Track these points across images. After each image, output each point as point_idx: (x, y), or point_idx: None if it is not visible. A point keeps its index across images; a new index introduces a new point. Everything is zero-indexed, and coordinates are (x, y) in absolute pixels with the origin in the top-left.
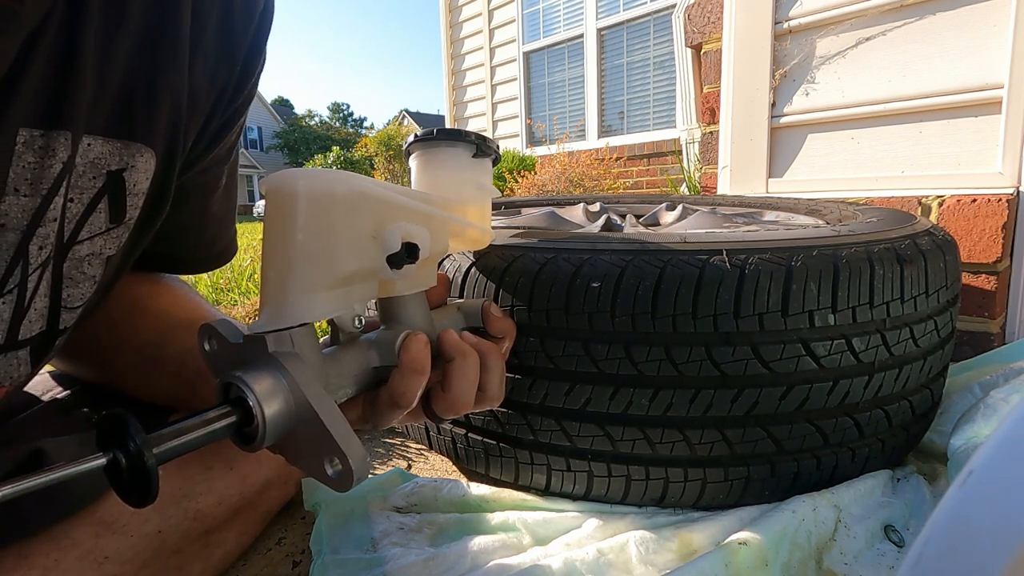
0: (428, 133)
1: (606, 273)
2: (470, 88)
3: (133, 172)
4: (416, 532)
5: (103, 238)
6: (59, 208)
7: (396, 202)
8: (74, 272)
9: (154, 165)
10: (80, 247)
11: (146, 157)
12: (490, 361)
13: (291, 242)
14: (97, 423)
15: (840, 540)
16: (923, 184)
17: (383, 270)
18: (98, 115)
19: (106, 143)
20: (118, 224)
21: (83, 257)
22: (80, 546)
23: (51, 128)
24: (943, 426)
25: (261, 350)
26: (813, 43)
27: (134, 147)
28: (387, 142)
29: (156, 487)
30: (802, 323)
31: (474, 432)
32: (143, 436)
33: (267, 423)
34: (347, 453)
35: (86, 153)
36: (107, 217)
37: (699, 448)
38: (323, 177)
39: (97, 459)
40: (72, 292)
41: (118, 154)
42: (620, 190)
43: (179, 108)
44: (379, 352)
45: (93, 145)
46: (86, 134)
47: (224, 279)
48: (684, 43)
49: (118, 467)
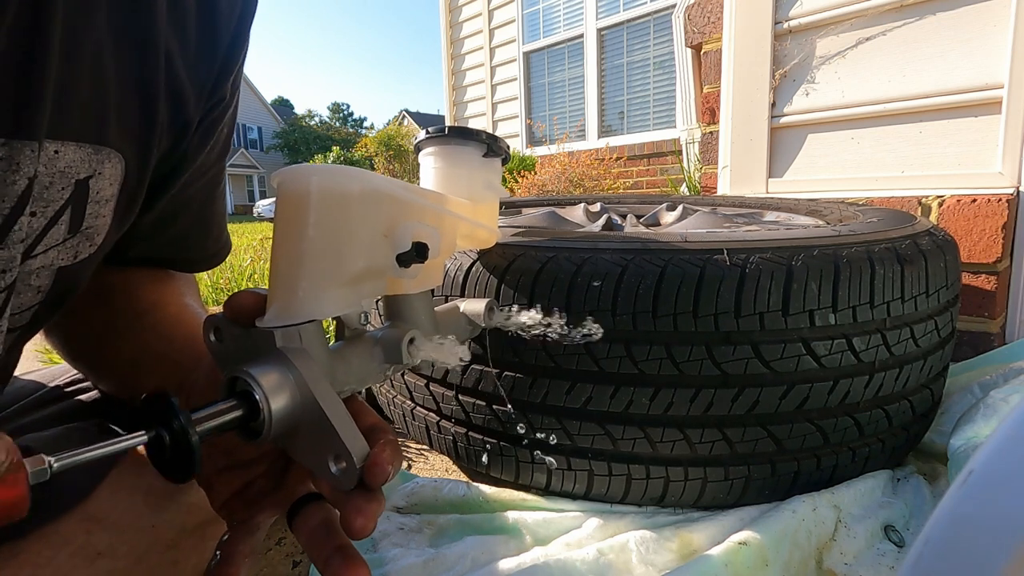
0: (440, 130)
1: (607, 272)
2: (470, 88)
3: (99, 179)
4: (416, 532)
5: (58, 249)
6: (24, 227)
7: (408, 200)
8: (20, 284)
9: (121, 171)
10: (32, 261)
11: (113, 163)
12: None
13: (302, 239)
14: (141, 402)
15: (840, 540)
16: (923, 184)
17: (392, 268)
18: (67, 119)
19: (78, 149)
20: (74, 234)
21: (33, 270)
22: (72, 543)
23: (13, 137)
24: (943, 426)
25: (269, 345)
26: (813, 43)
27: (104, 152)
28: (387, 142)
29: (199, 463)
30: (803, 322)
31: (475, 431)
32: (187, 414)
33: (273, 418)
34: (352, 451)
35: (54, 162)
36: (66, 228)
37: (700, 447)
38: (336, 174)
39: (140, 436)
40: (13, 301)
41: (88, 161)
42: (620, 190)
43: (154, 107)
44: (384, 350)
45: (63, 152)
46: (53, 139)
47: (224, 279)
48: (684, 43)
49: (161, 444)
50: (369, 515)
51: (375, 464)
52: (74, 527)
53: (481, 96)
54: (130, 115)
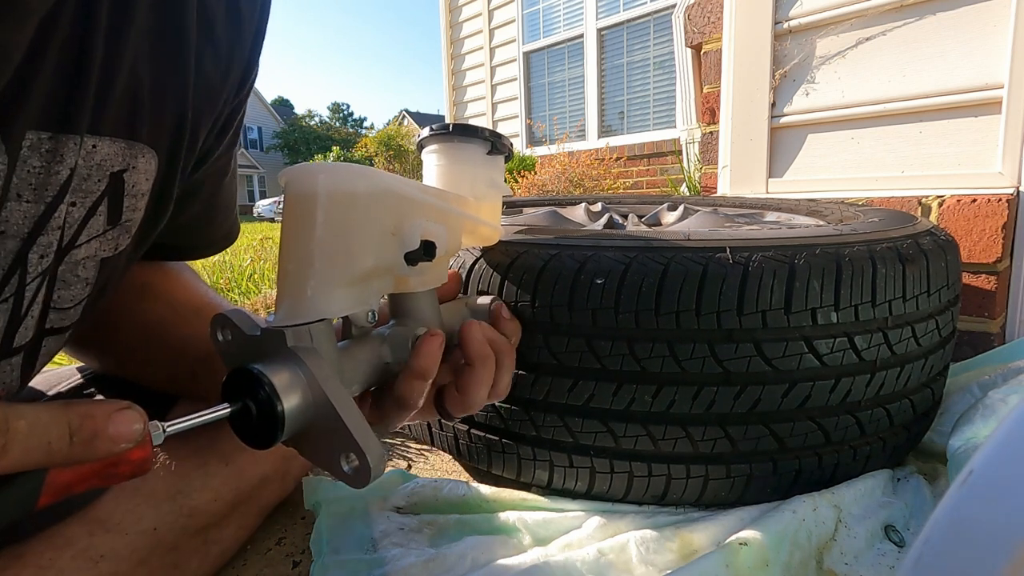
0: (443, 128)
1: (610, 270)
2: (470, 88)
3: (133, 173)
4: (416, 532)
5: (99, 240)
6: (63, 215)
7: (416, 199)
8: (68, 275)
9: (155, 166)
10: (78, 251)
11: (147, 158)
12: (506, 360)
13: (311, 238)
14: (227, 378)
15: (840, 540)
16: (923, 184)
17: (400, 266)
18: (105, 116)
19: (113, 143)
20: (114, 226)
21: (79, 260)
22: (75, 545)
23: (60, 131)
24: (943, 426)
25: (280, 344)
26: (813, 43)
27: (137, 148)
28: (387, 142)
29: (284, 429)
30: (805, 321)
31: (476, 428)
32: (272, 385)
33: (285, 418)
34: (365, 450)
35: (92, 155)
36: (105, 219)
37: (702, 445)
38: (344, 172)
39: (224, 408)
40: (63, 294)
41: (122, 155)
42: (620, 190)
43: (184, 107)
44: (392, 348)
45: (99, 147)
46: (92, 135)
47: (224, 279)
48: (684, 43)
49: (248, 414)
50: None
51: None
52: (77, 530)
53: (481, 96)
54: (162, 113)
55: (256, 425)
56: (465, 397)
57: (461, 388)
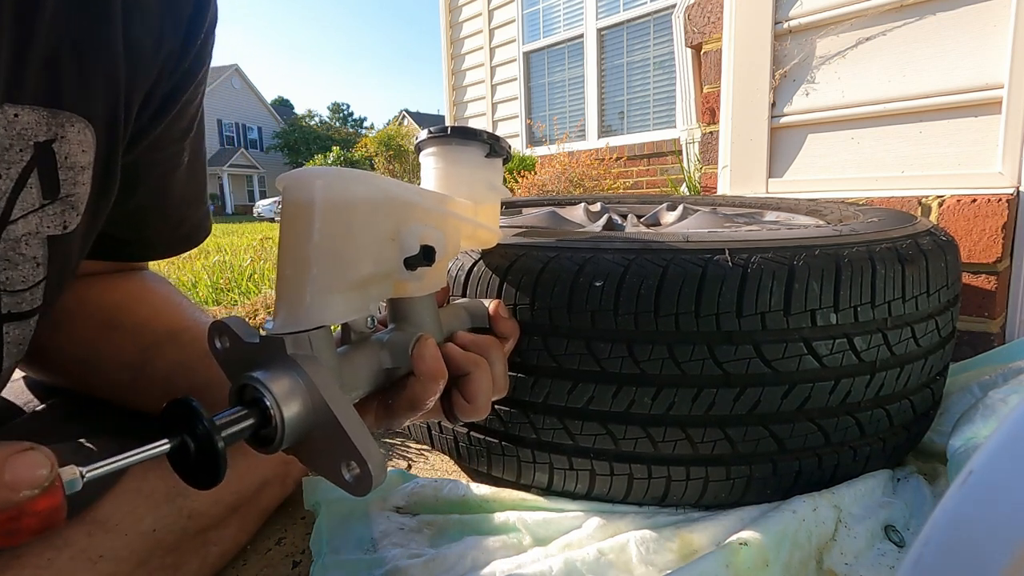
0: (441, 130)
1: (609, 272)
2: (470, 88)
3: (64, 143)
4: (416, 533)
5: (38, 216)
6: None
7: (414, 203)
8: (11, 254)
9: (92, 137)
10: (15, 227)
11: (79, 127)
12: (493, 357)
13: (308, 244)
14: (163, 410)
15: (840, 540)
16: (923, 184)
17: (399, 272)
18: (24, 82)
19: (32, 111)
20: (52, 200)
21: (19, 237)
22: (73, 546)
23: None
24: (943, 426)
25: (279, 352)
26: (813, 43)
27: (63, 116)
28: (387, 142)
29: (225, 468)
30: (804, 322)
31: (476, 431)
32: (211, 420)
33: (286, 426)
34: (366, 457)
35: (13, 125)
36: (39, 193)
37: (701, 447)
38: (342, 178)
39: (162, 445)
40: (11, 275)
41: (45, 124)
42: (620, 190)
43: (115, 72)
44: (391, 353)
45: (20, 115)
46: (8, 103)
47: (224, 279)
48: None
49: (185, 451)
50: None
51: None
52: (75, 530)
53: (481, 96)
54: (88, 76)
55: (196, 462)
56: (474, 403)
57: (468, 396)
